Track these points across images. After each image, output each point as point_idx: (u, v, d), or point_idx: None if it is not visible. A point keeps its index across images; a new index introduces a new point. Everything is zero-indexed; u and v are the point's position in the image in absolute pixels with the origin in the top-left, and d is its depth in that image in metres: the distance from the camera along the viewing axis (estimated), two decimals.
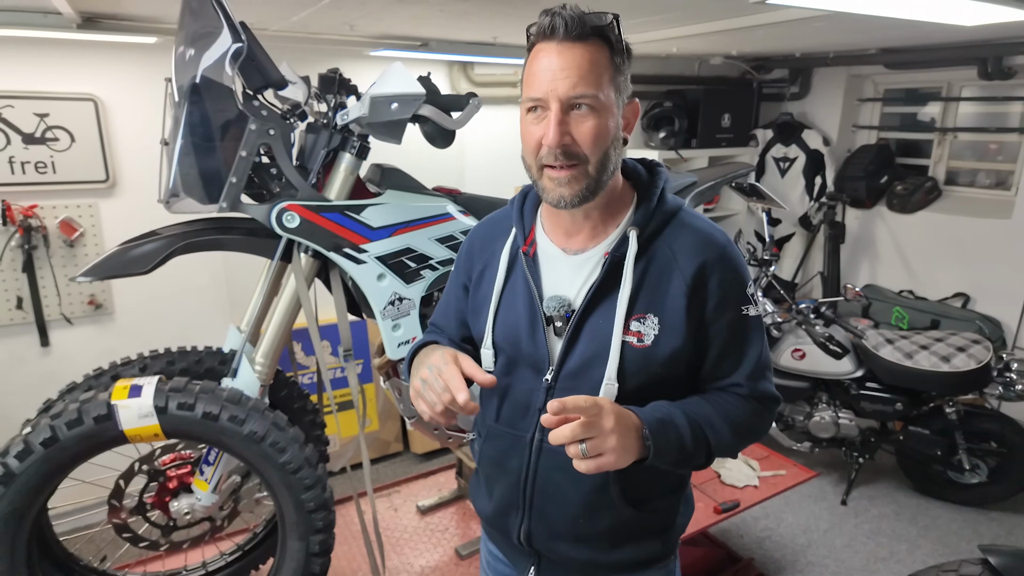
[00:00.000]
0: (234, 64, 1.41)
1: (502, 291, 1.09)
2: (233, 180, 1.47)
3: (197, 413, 1.43)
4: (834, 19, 2.28)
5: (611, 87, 0.94)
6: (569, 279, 1.04)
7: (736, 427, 1.02)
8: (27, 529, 1.39)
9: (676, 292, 0.99)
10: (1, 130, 2.53)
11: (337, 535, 1.64)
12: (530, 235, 1.09)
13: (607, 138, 0.95)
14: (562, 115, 0.93)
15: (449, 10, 2.19)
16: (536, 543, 1.10)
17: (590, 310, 1.01)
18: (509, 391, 1.08)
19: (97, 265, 1.47)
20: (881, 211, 4.04)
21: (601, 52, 0.93)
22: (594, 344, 1.00)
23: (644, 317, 0.99)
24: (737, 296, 1.02)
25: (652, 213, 1.02)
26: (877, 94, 4.19)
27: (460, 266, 1.21)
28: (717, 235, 1.04)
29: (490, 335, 1.08)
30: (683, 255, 1.00)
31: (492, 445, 1.12)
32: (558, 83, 0.91)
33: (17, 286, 2.67)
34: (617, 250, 1.00)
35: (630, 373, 0.98)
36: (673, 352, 0.99)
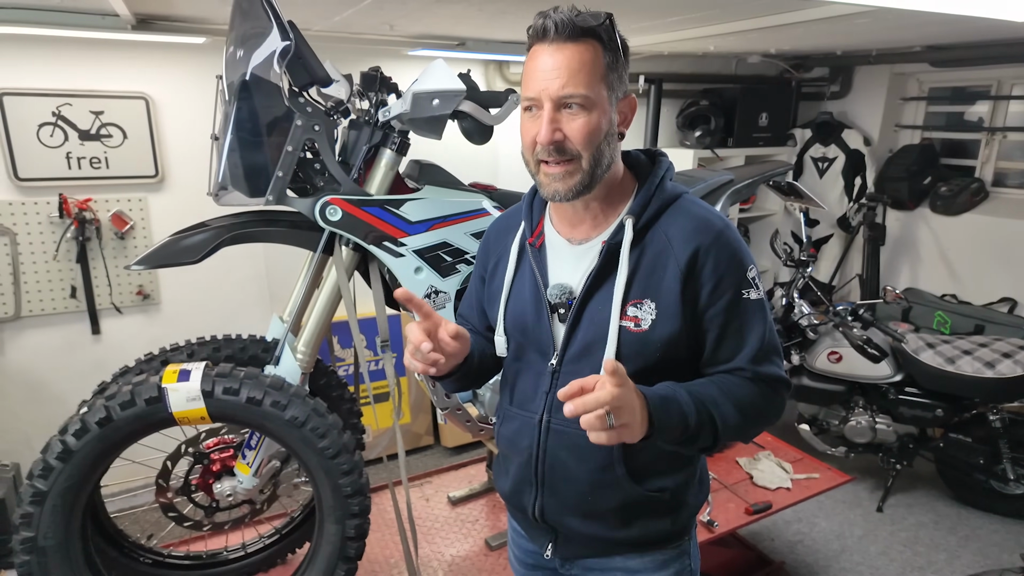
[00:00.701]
0: (282, 62, 1.47)
1: (512, 281, 1.15)
2: (279, 174, 1.53)
3: (241, 398, 1.49)
4: (878, 15, 2.24)
5: (602, 85, 0.98)
6: (572, 267, 1.09)
7: (742, 408, 1.02)
8: (82, 504, 1.47)
9: (671, 277, 1.02)
10: (60, 127, 2.65)
11: (371, 522, 1.68)
12: (538, 227, 1.15)
13: (599, 134, 0.99)
14: (554, 113, 0.97)
15: (487, 9, 2.22)
16: (550, 518, 1.15)
17: (589, 296, 1.05)
18: (520, 375, 1.16)
19: (149, 255, 1.55)
20: (924, 213, 3.94)
21: (592, 51, 0.97)
22: (593, 329, 1.04)
23: (640, 302, 1.02)
24: (735, 280, 1.03)
25: (648, 201, 1.06)
26: (922, 93, 4.08)
27: (479, 259, 1.28)
28: (714, 220, 1.05)
29: (502, 322, 1.16)
30: (678, 241, 1.03)
31: (507, 426, 1.18)
32: (549, 83, 0.96)
33: (72, 276, 2.80)
34: (613, 238, 1.04)
35: (628, 357, 1.02)
36: (670, 336, 1.02)
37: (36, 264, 2.73)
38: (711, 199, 2.07)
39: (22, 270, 2.71)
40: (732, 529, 2.23)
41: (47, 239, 2.72)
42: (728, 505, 2.31)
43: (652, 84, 3.83)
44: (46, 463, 1.40)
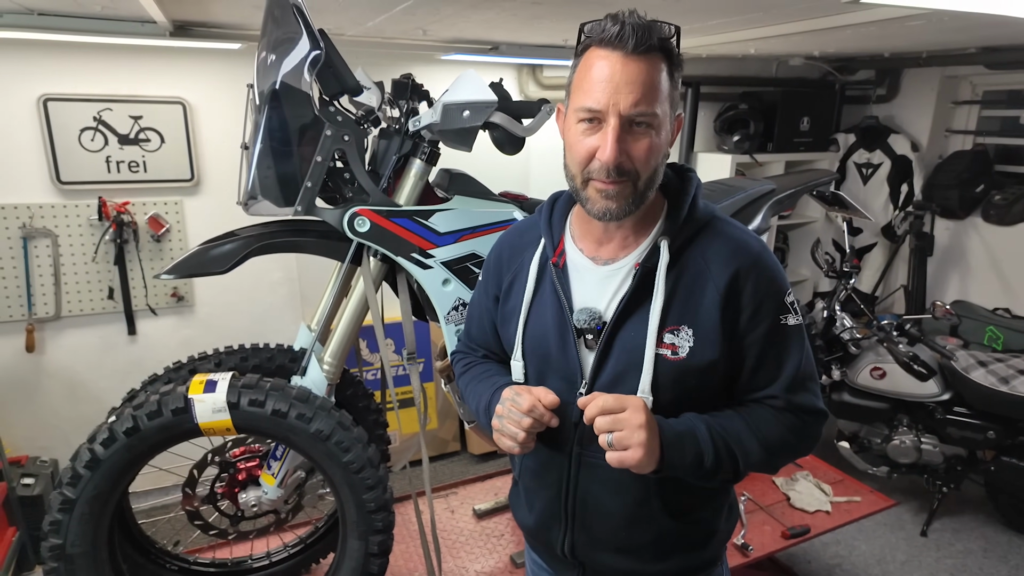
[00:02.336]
0: (312, 71, 1.45)
1: (531, 302, 1.08)
2: (308, 184, 1.51)
3: (267, 410, 1.48)
4: (934, 17, 2.13)
5: (668, 103, 0.94)
6: (599, 290, 1.02)
7: (769, 443, 0.99)
8: (110, 512, 1.47)
9: (710, 302, 0.97)
10: (101, 132, 2.70)
11: (396, 534, 1.66)
12: (559, 245, 1.08)
13: (659, 155, 0.95)
14: (620, 132, 0.90)
15: (521, 14, 2.17)
16: (580, 554, 1.09)
17: (621, 322, 0.99)
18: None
19: (179, 264, 1.54)
20: (975, 222, 3.76)
21: (662, 66, 0.92)
22: (626, 357, 0.99)
23: (677, 329, 0.97)
24: (774, 305, 0.99)
25: (683, 222, 1.00)
26: (975, 96, 3.90)
27: (489, 277, 1.20)
28: (751, 242, 1.01)
29: (520, 347, 1.08)
30: (716, 264, 0.98)
31: (532, 458, 1.12)
32: (621, 97, 0.89)
33: (109, 277, 2.85)
34: (648, 260, 0.99)
35: (664, 386, 0.97)
36: (708, 364, 0.97)
37: (76, 265, 2.79)
38: (752, 210, 1.98)
39: (63, 271, 2.77)
40: (768, 553, 2.15)
41: (87, 241, 2.78)
42: (764, 528, 2.22)
43: (689, 87, 3.74)
44: (75, 471, 1.41)
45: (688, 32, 2.64)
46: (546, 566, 1.22)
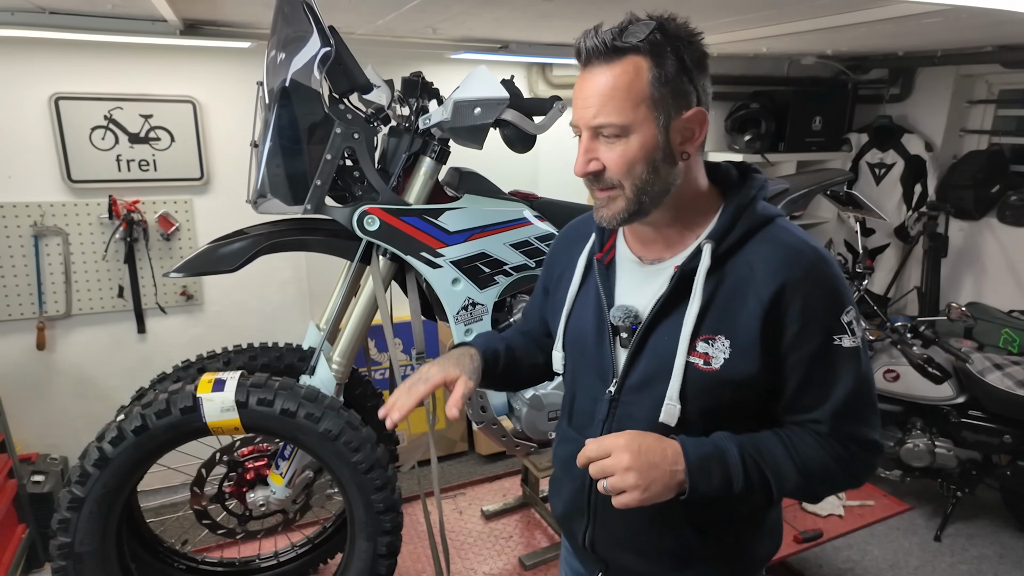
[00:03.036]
0: (322, 68, 1.44)
1: (575, 296, 1.09)
2: (318, 183, 1.50)
3: (275, 409, 1.47)
4: (951, 15, 2.09)
5: (645, 106, 0.88)
6: (641, 289, 1.01)
7: (808, 471, 0.92)
8: (118, 510, 1.47)
9: (750, 314, 0.90)
10: (111, 130, 2.71)
11: (404, 535, 1.65)
12: (609, 241, 1.07)
13: (639, 161, 0.90)
14: (589, 143, 0.92)
15: (531, 12, 2.16)
16: (600, 550, 1.08)
17: (655, 324, 0.97)
18: (577, 396, 1.09)
19: (187, 262, 1.54)
20: (990, 223, 3.71)
21: (633, 70, 0.87)
22: (657, 360, 0.96)
23: (713, 338, 0.92)
24: (826, 324, 0.91)
25: (732, 224, 0.95)
26: (991, 95, 3.84)
27: (545, 268, 1.23)
28: (807, 252, 0.92)
29: (561, 339, 1.10)
30: (762, 273, 0.91)
31: (563, 448, 1.12)
32: (584, 111, 0.91)
33: (119, 276, 2.85)
34: (688, 263, 0.94)
35: (693, 395, 0.93)
36: (744, 379, 0.92)
37: (86, 264, 2.79)
38: None
39: (73, 269, 2.78)
40: (779, 558, 2.12)
41: (97, 240, 2.78)
42: None
43: None
44: (83, 469, 1.40)
45: None
46: (576, 557, 1.21)
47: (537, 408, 1.87)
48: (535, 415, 1.88)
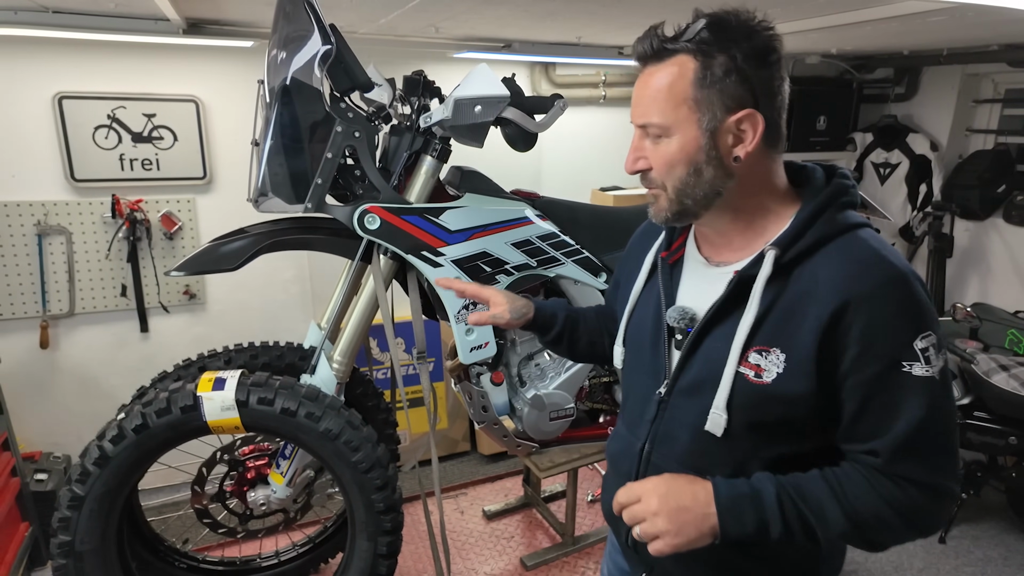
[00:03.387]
0: (323, 66, 1.44)
1: (640, 294, 1.09)
2: (319, 181, 1.50)
3: (276, 408, 1.47)
4: (957, 12, 2.08)
5: (686, 107, 0.86)
6: (702, 292, 0.97)
7: (857, 517, 0.84)
8: (119, 509, 1.47)
9: (809, 329, 0.84)
10: (114, 129, 2.71)
11: (405, 534, 1.65)
12: (678, 241, 1.05)
13: (679, 163, 0.89)
14: (639, 141, 0.93)
15: (534, 11, 2.15)
16: (643, 552, 1.03)
17: (709, 329, 0.93)
18: (631, 393, 1.09)
19: (188, 261, 1.54)
20: (996, 223, 3.68)
21: (677, 71, 0.86)
22: (707, 367, 0.92)
23: (767, 351, 0.87)
24: (893, 348, 0.82)
25: (802, 232, 0.88)
26: (997, 95, 3.81)
27: (621, 261, 1.23)
28: (881, 267, 0.83)
29: (623, 334, 1.10)
30: (826, 286, 0.83)
31: (614, 443, 1.12)
32: (633, 109, 0.93)
33: (122, 275, 2.86)
34: (748, 269, 0.89)
35: (740, 407, 0.89)
36: (796, 396, 0.85)
37: (89, 263, 2.80)
38: None
39: (76, 268, 2.78)
40: None
41: (100, 239, 2.79)
42: None
43: None
44: (84, 468, 1.40)
45: None
46: (621, 556, 1.19)
47: (539, 408, 1.86)
48: (537, 415, 1.87)
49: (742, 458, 0.92)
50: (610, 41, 3.02)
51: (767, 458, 0.91)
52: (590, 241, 1.84)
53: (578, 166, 3.62)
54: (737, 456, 0.92)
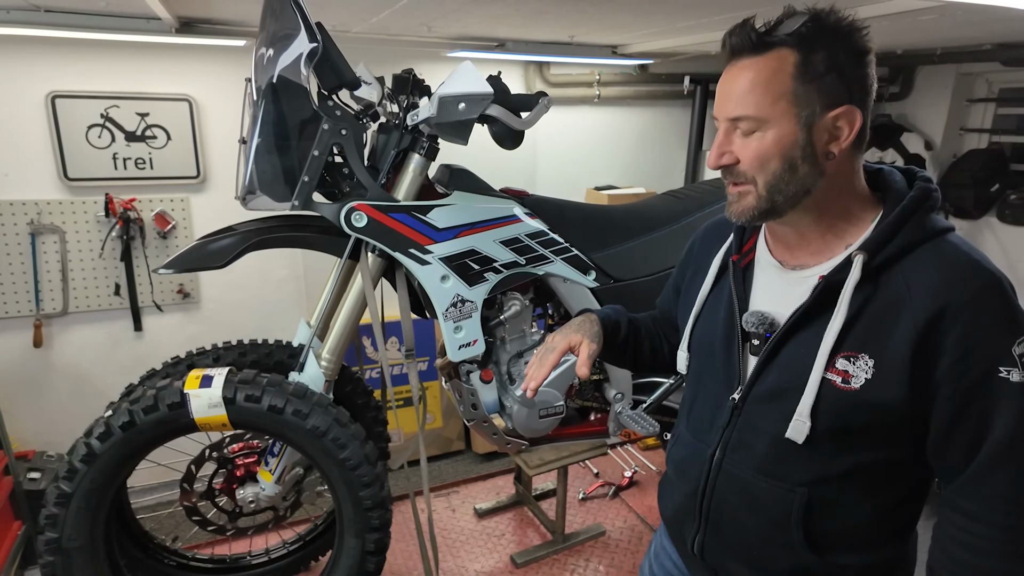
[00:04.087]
0: (310, 64, 1.44)
1: (707, 297, 1.07)
2: (305, 179, 1.50)
3: (263, 405, 1.47)
4: (946, 11, 2.08)
5: (785, 100, 0.85)
6: (779, 296, 0.96)
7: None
8: (107, 506, 1.48)
9: (902, 336, 0.82)
10: (108, 128, 2.71)
11: (395, 532, 1.65)
12: (748, 243, 1.04)
13: (774, 157, 0.87)
14: (725, 136, 0.90)
15: (525, 9, 2.15)
16: (709, 557, 1.04)
17: (792, 334, 0.91)
18: (697, 399, 1.07)
19: (177, 258, 1.54)
20: (990, 222, 3.68)
21: (777, 63, 0.85)
22: (790, 373, 0.91)
23: (856, 356, 0.85)
24: (992, 354, 0.80)
25: (892, 235, 0.86)
26: (991, 94, 3.82)
27: (679, 265, 1.21)
28: (977, 273, 0.82)
29: (687, 339, 1.08)
30: (920, 292, 0.82)
31: (678, 449, 1.10)
32: (723, 103, 0.90)
33: (116, 273, 2.86)
34: (835, 274, 0.88)
35: (825, 414, 0.87)
36: (885, 404, 0.84)
37: (83, 262, 2.80)
38: None
39: (70, 267, 2.79)
40: None
41: (93, 238, 2.79)
42: None
43: (698, 85, 3.70)
44: (71, 465, 1.41)
45: (694, 28, 2.60)
46: (675, 558, 1.18)
47: (528, 406, 1.86)
48: (526, 413, 1.87)
49: (820, 465, 0.91)
50: (603, 40, 3.03)
51: (845, 466, 0.90)
52: (579, 239, 1.84)
53: (573, 165, 3.63)
54: (815, 463, 0.91)
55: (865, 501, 0.91)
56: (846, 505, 0.91)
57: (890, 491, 0.92)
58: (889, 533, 0.94)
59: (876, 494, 0.91)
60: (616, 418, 2.02)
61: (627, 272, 1.90)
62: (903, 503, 0.93)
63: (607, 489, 2.71)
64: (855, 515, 0.92)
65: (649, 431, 2.01)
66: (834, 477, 0.90)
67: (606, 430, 2.06)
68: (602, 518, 2.46)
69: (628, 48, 3.18)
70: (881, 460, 0.89)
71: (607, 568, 2.16)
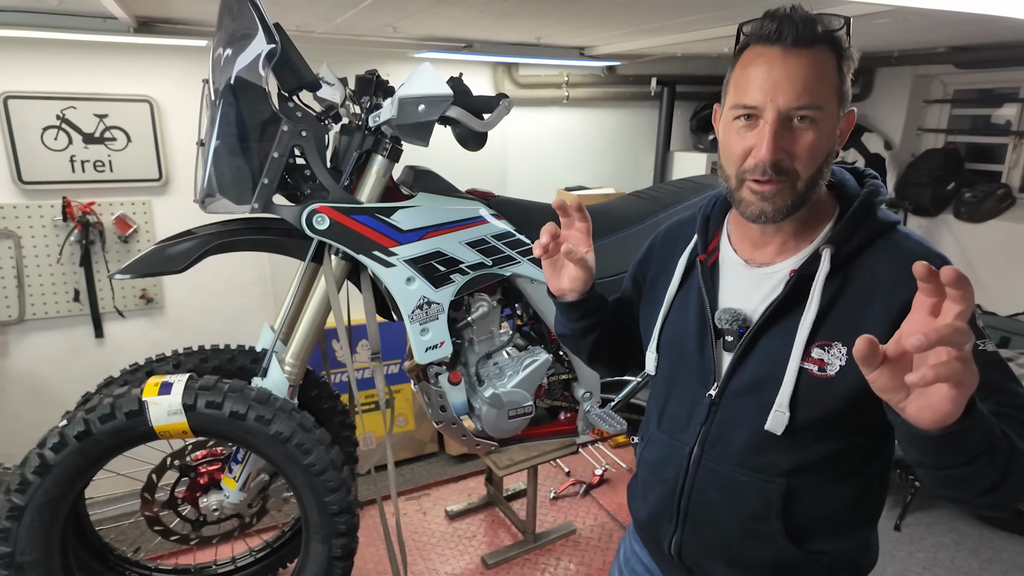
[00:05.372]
0: (268, 65, 1.42)
1: (674, 298, 1.07)
2: (265, 181, 1.48)
3: (225, 412, 1.45)
4: (899, 15, 2.14)
5: (835, 98, 0.88)
6: (747, 293, 0.98)
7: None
8: (62, 518, 1.44)
9: (875, 321, 0.87)
10: (64, 130, 2.64)
11: (364, 537, 1.64)
12: (712, 243, 1.05)
13: (823, 153, 0.88)
14: (778, 128, 0.86)
15: (490, 11, 2.16)
16: (687, 558, 1.05)
17: (766, 329, 0.94)
18: (671, 399, 1.07)
19: (134, 263, 1.51)
20: (947, 219, 3.80)
21: (828, 59, 0.87)
22: (767, 365, 0.93)
23: (829, 345, 0.89)
24: None
25: (854, 230, 0.92)
26: (946, 95, 3.94)
27: (637, 266, 1.21)
28: (935, 259, 0.87)
29: (656, 340, 1.08)
30: (889, 281, 0.88)
31: (651, 451, 1.10)
32: (779, 93, 0.85)
33: (75, 279, 2.79)
34: (806, 268, 0.91)
35: (804, 403, 0.90)
36: (860, 388, 0.85)
37: (40, 267, 2.72)
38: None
39: (26, 273, 2.71)
40: None
41: (51, 242, 2.72)
42: None
43: (665, 86, 3.74)
44: (23, 477, 1.37)
45: (659, 31, 2.64)
46: (646, 560, 1.18)
47: (497, 406, 1.87)
48: (496, 413, 1.87)
49: (800, 455, 0.93)
50: (570, 42, 3.04)
51: (821, 454, 0.93)
52: None
53: (543, 166, 3.64)
54: (793, 453, 0.93)
55: (840, 487, 0.95)
56: (822, 492, 0.95)
57: (861, 476, 0.96)
58: (860, 518, 0.98)
59: (849, 480, 0.95)
60: (585, 417, 2.04)
61: None
62: (871, 487, 0.97)
63: (578, 488, 2.73)
64: (830, 501, 0.95)
65: (618, 429, 2.03)
66: (811, 465, 0.93)
67: (575, 429, 2.08)
68: (573, 516, 2.47)
69: (595, 50, 3.21)
70: (855, 446, 0.93)
71: (577, 566, 2.17)
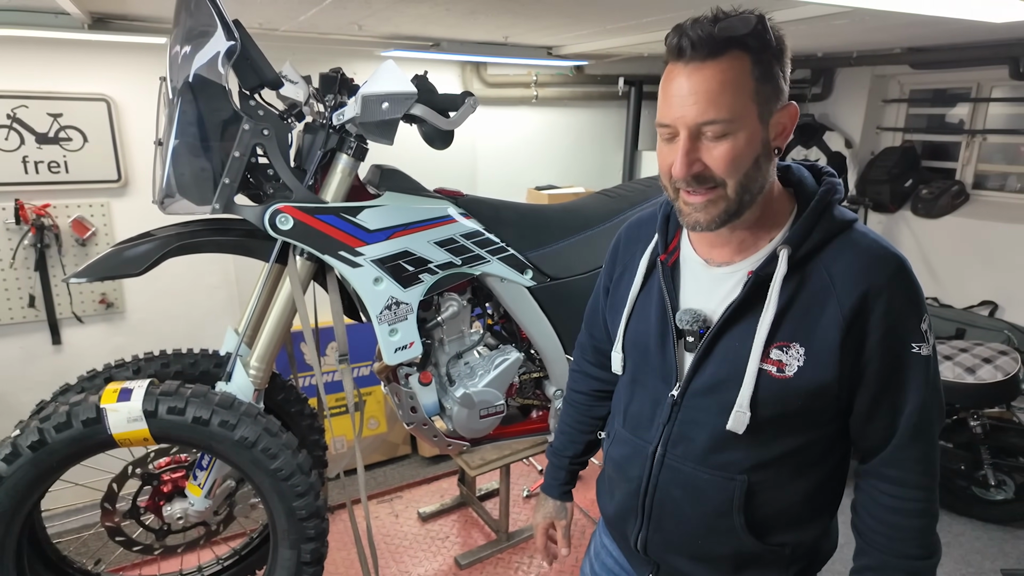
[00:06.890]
0: (228, 63, 1.39)
1: (636, 297, 1.07)
2: (226, 181, 1.45)
3: (187, 417, 1.41)
4: (856, 16, 2.19)
5: (751, 102, 0.86)
6: (708, 293, 0.98)
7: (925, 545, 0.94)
8: (16, 531, 1.38)
9: (829, 322, 0.89)
10: (15, 130, 2.55)
11: (336, 541, 1.62)
12: (673, 242, 1.05)
13: (745, 158, 0.87)
14: (690, 143, 0.87)
15: (455, 9, 2.15)
16: (653, 553, 1.07)
17: (726, 329, 0.95)
18: (635, 398, 1.08)
19: (90, 266, 1.46)
20: (905, 215, 3.91)
21: (739, 65, 0.85)
22: (727, 366, 0.94)
23: (787, 346, 0.90)
24: (907, 329, 0.89)
25: (810, 230, 0.92)
26: (903, 95, 4.06)
27: (605, 266, 1.20)
28: (889, 258, 0.90)
29: (621, 340, 1.08)
30: (843, 281, 0.89)
31: (616, 449, 1.11)
32: (686, 109, 0.86)
33: (30, 284, 2.69)
34: (763, 269, 0.92)
35: (764, 402, 0.91)
36: (818, 387, 0.90)
37: None
38: None
39: None
40: None
41: (3, 246, 2.62)
42: None
43: (632, 86, 3.78)
44: None
45: (625, 31, 2.66)
46: (616, 555, 1.19)
47: (468, 406, 1.86)
48: (467, 413, 1.87)
49: (758, 452, 0.95)
50: (537, 41, 3.05)
51: (781, 450, 0.95)
52: (515, 238, 1.85)
53: (513, 165, 3.64)
54: (754, 451, 0.95)
55: (799, 481, 0.97)
56: (782, 487, 0.97)
57: (819, 469, 0.98)
58: (819, 509, 1.01)
59: (808, 473, 0.97)
60: (556, 414, 2.04)
61: (563, 270, 1.92)
62: (829, 479, 1.00)
63: None
64: (790, 495, 0.97)
65: None
66: (771, 461, 0.95)
67: (547, 427, 2.08)
68: None
69: (563, 49, 3.22)
70: (813, 440, 0.95)
71: None
